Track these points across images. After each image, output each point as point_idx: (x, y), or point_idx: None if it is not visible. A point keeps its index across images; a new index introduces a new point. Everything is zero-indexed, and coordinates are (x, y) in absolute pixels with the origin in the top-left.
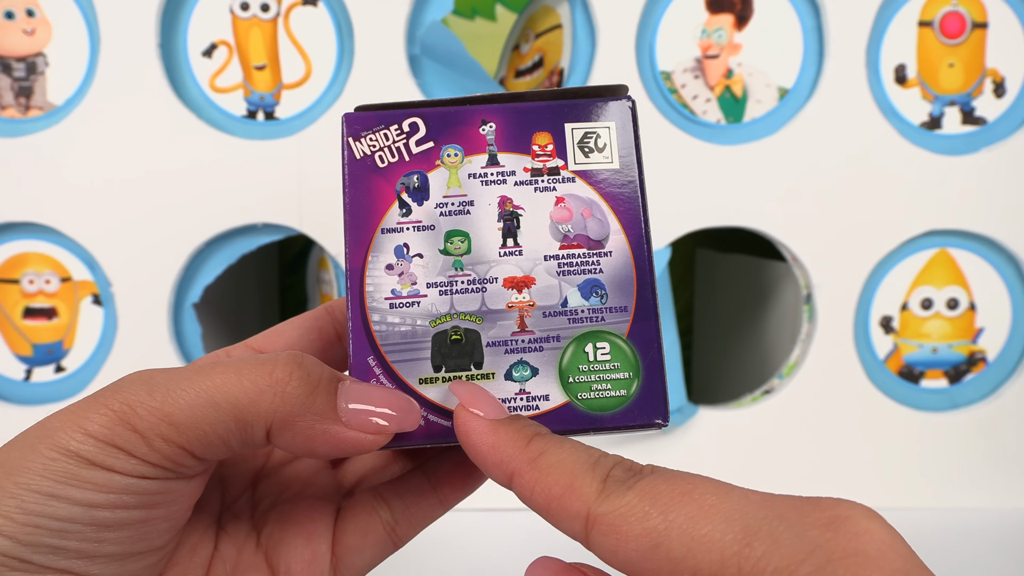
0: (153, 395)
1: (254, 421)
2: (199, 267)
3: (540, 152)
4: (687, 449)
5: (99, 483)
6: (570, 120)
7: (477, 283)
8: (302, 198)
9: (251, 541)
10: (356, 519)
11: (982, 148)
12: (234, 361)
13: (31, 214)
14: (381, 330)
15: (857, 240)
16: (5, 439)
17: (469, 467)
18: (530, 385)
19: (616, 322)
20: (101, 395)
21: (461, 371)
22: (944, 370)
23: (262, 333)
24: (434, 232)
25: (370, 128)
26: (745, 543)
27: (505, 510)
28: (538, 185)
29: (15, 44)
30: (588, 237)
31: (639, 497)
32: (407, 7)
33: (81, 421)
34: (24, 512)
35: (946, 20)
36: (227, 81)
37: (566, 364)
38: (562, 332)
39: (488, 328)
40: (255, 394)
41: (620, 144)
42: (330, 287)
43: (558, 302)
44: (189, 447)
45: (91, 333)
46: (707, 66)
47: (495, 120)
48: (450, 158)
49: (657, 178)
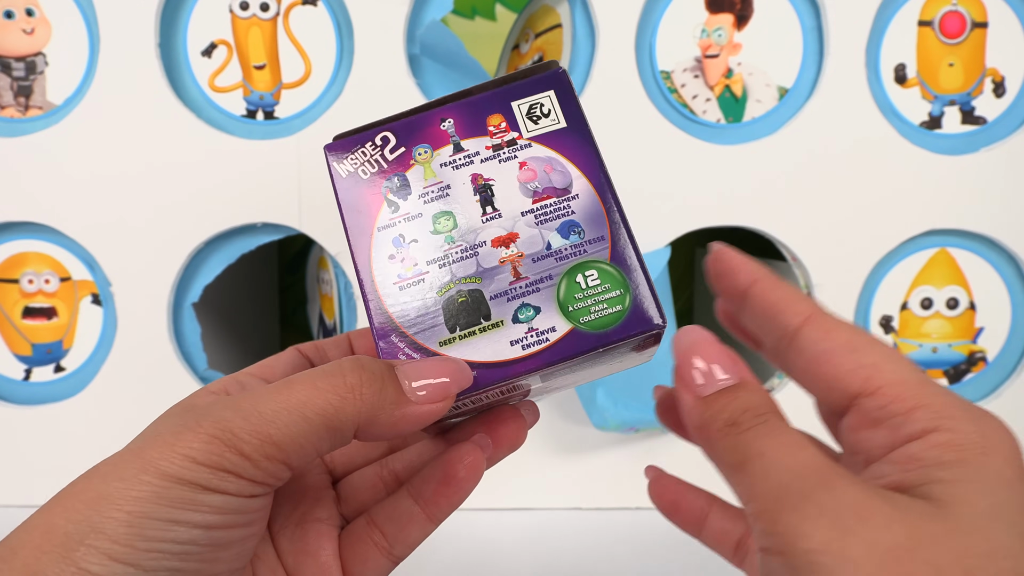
0: (248, 419)
1: (343, 426)
2: (199, 267)
3: (496, 131)
4: (687, 449)
5: (216, 506)
6: (515, 99)
7: (469, 250)
8: (302, 198)
9: (280, 566)
10: (353, 547)
11: (982, 148)
12: (306, 376)
13: (30, 214)
14: (397, 311)
15: (857, 240)
16: (5, 439)
17: (454, 484)
18: (536, 322)
19: (597, 251)
20: (186, 422)
21: (474, 326)
22: (944, 370)
23: (256, 364)
24: (423, 219)
25: (348, 150)
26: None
27: (505, 510)
28: (501, 157)
29: (14, 43)
30: (555, 187)
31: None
32: (407, 7)
33: (182, 449)
34: (146, 539)
35: (946, 20)
36: (227, 81)
37: (563, 296)
38: (552, 271)
39: (488, 284)
40: (338, 402)
41: (562, 105)
42: (330, 287)
43: (543, 247)
44: (288, 461)
45: (91, 333)
46: (707, 66)
47: (452, 116)
48: (421, 156)
49: (657, 178)
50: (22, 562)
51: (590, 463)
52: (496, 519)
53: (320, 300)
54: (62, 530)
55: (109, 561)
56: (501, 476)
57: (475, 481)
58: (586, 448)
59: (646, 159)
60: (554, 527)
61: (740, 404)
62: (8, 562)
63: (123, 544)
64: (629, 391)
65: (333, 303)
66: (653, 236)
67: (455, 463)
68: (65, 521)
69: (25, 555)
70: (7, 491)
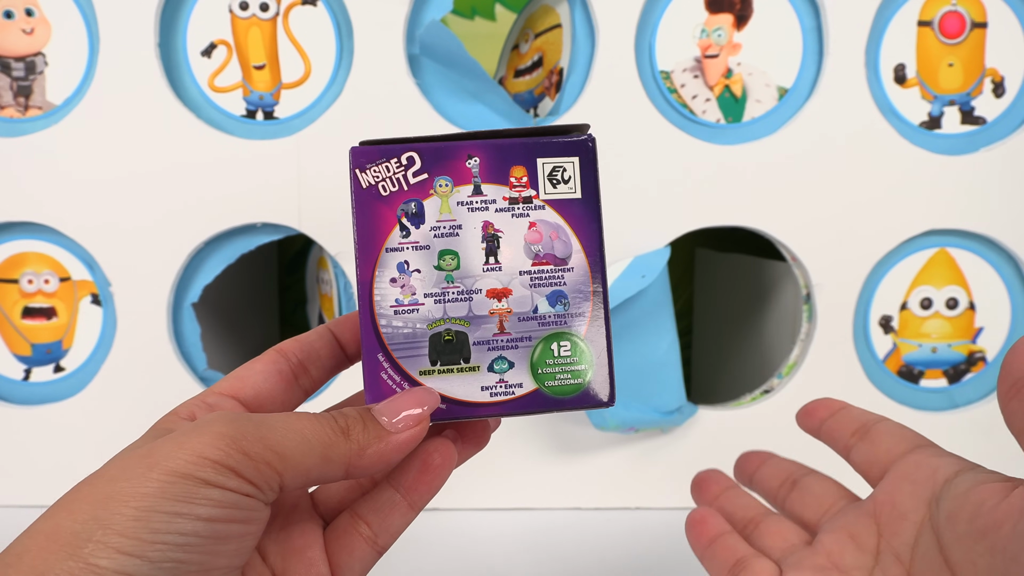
0: (259, 428)
1: (336, 459)
2: (198, 267)
3: (516, 183)
4: (687, 449)
5: (216, 499)
6: (541, 155)
7: (465, 293)
8: (301, 198)
9: (267, 570)
10: (339, 540)
11: (981, 148)
12: (309, 414)
13: (30, 214)
14: (388, 332)
15: (857, 240)
16: (5, 439)
17: (431, 471)
18: (508, 376)
19: (576, 325)
20: (202, 429)
21: (453, 365)
22: (943, 370)
23: (226, 379)
24: (429, 251)
25: (373, 161)
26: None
27: (505, 510)
28: (515, 212)
29: (14, 43)
30: (555, 256)
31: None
32: (407, 7)
33: (193, 447)
34: (151, 531)
35: (945, 20)
36: (226, 81)
37: (536, 359)
38: (533, 333)
39: (474, 330)
40: (333, 438)
41: (582, 177)
42: (329, 287)
43: (530, 309)
44: (283, 474)
45: (90, 333)
46: (707, 66)
47: (479, 155)
48: (442, 188)
49: (657, 178)
50: (28, 565)
51: (590, 463)
52: (496, 519)
53: (320, 300)
54: (68, 530)
55: (117, 554)
56: (501, 476)
57: (449, 468)
58: (586, 448)
59: (646, 159)
60: (554, 527)
61: None
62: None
63: (130, 537)
64: (629, 391)
65: (333, 303)
66: (653, 236)
67: (431, 452)
68: (71, 522)
69: (31, 558)
70: (7, 491)
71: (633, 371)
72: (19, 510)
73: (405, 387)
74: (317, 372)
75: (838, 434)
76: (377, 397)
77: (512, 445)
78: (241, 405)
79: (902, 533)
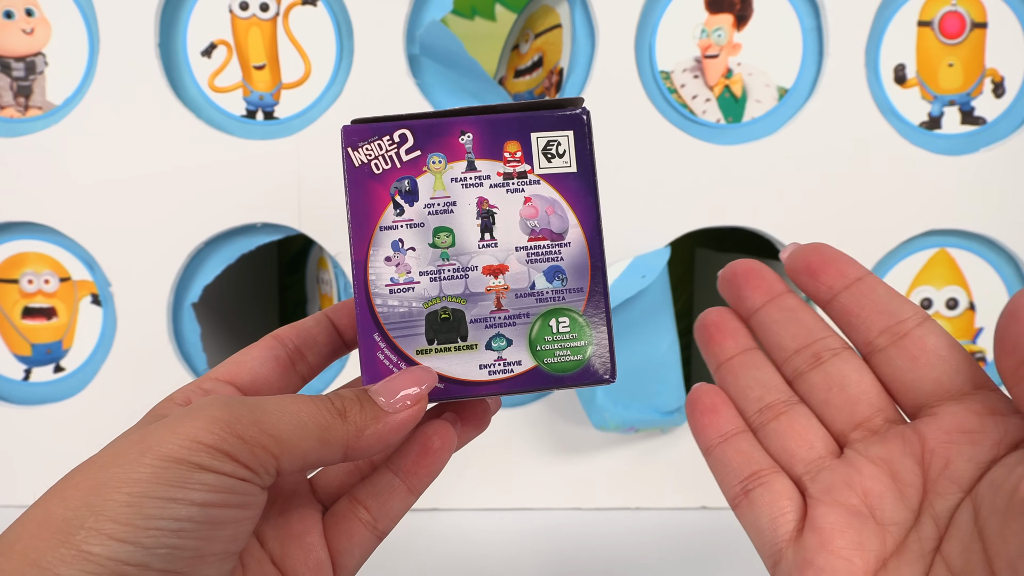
0: (254, 412)
1: (333, 441)
2: (198, 267)
3: (511, 158)
4: (687, 448)
5: (210, 484)
6: (535, 129)
7: (461, 271)
8: (301, 198)
9: (265, 556)
10: (339, 526)
11: (981, 148)
12: (306, 396)
13: (30, 214)
14: (383, 311)
15: (856, 240)
16: (5, 439)
17: (431, 455)
18: (506, 353)
19: (574, 300)
20: (196, 413)
21: (450, 344)
22: None
23: (222, 364)
24: (424, 229)
25: (365, 139)
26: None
27: (505, 510)
28: (509, 187)
29: (14, 44)
30: (551, 231)
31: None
32: (407, 7)
33: (186, 431)
34: (145, 517)
35: (945, 20)
36: (226, 81)
37: (534, 336)
38: (531, 310)
39: (471, 308)
40: (330, 419)
41: (577, 149)
42: (329, 287)
43: (527, 285)
44: (279, 457)
45: (90, 333)
46: (707, 66)
47: (472, 130)
48: (435, 165)
49: (657, 178)
50: (20, 553)
51: (590, 463)
52: (496, 519)
53: (320, 300)
54: (60, 517)
55: (110, 541)
56: (501, 476)
57: (449, 451)
58: (586, 448)
59: (646, 159)
60: (554, 527)
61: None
62: (6, 555)
63: (123, 523)
64: (629, 391)
65: (332, 303)
66: (653, 236)
67: (430, 435)
68: (63, 509)
69: (23, 546)
70: (7, 491)
71: (633, 371)
72: (19, 510)
73: (402, 367)
74: (314, 358)
75: (859, 321)
76: (374, 377)
77: (512, 445)
78: (237, 391)
79: (948, 497)
